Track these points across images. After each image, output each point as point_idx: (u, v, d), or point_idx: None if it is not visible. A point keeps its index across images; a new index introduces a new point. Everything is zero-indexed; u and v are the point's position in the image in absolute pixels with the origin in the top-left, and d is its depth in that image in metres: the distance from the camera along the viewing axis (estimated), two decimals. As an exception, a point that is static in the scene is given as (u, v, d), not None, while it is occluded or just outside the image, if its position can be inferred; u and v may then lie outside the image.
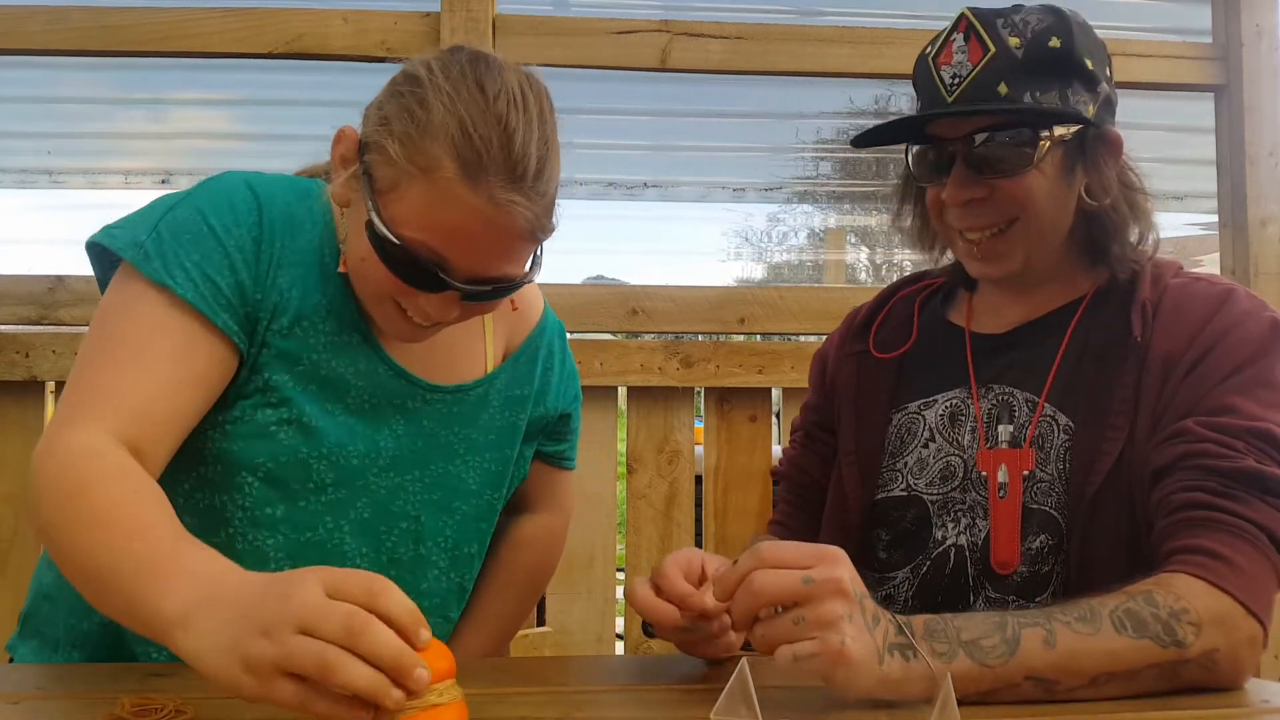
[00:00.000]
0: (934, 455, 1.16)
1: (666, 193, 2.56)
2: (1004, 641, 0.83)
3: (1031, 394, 1.11)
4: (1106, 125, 1.12)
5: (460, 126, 0.90)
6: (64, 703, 0.85)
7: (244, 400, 1.01)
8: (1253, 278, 2.26)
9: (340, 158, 1.00)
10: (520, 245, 0.97)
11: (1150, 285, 1.09)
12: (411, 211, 0.92)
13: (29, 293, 2.08)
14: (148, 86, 2.41)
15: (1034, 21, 1.06)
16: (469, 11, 2.13)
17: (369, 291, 1.01)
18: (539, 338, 1.23)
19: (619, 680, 1.04)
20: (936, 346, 1.22)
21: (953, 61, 1.07)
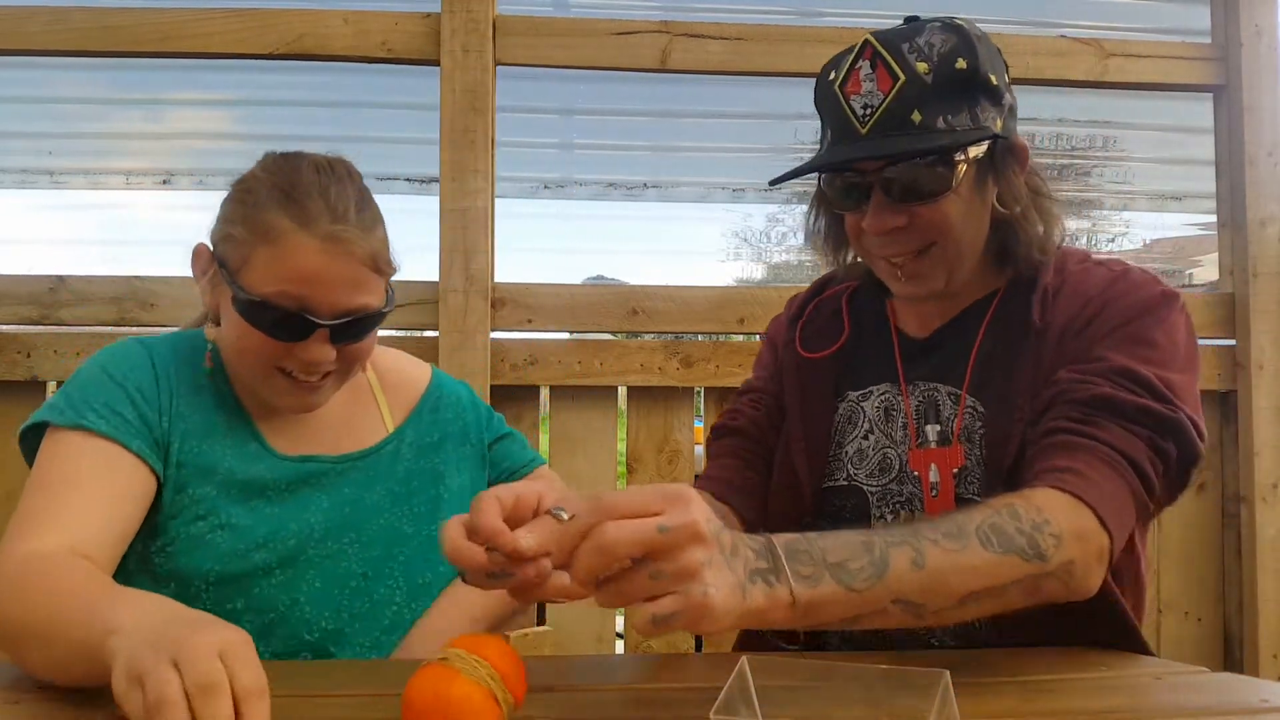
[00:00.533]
0: (873, 447, 1.19)
1: (666, 193, 2.56)
2: (871, 563, 0.80)
3: (954, 387, 1.15)
4: (1013, 136, 1.12)
5: (282, 192, 1.09)
6: (65, 702, 0.86)
7: (174, 520, 1.11)
8: (1252, 278, 2.26)
9: (200, 270, 1.16)
10: (365, 275, 1.10)
11: (1054, 272, 1.13)
12: (265, 272, 1.07)
13: (30, 293, 2.08)
14: (148, 87, 2.41)
15: (938, 44, 1.06)
16: (469, 12, 2.13)
17: (253, 369, 1.13)
18: (435, 391, 1.34)
19: (619, 680, 1.04)
20: (870, 338, 1.25)
21: (862, 91, 1.07)
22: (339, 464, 1.21)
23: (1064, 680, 0.94)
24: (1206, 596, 2.32)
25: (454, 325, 2.08)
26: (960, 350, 1.16)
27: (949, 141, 1.05)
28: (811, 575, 0.77)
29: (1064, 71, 2.29)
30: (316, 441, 1.22)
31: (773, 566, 0.75)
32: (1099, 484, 0.94)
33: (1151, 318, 1.05)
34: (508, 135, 2.27)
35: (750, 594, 0.73)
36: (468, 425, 1.34)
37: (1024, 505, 0.89)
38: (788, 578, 0.75)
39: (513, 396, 2.17)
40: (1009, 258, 1.15)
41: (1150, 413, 0.99)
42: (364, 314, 1.11)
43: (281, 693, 0.74)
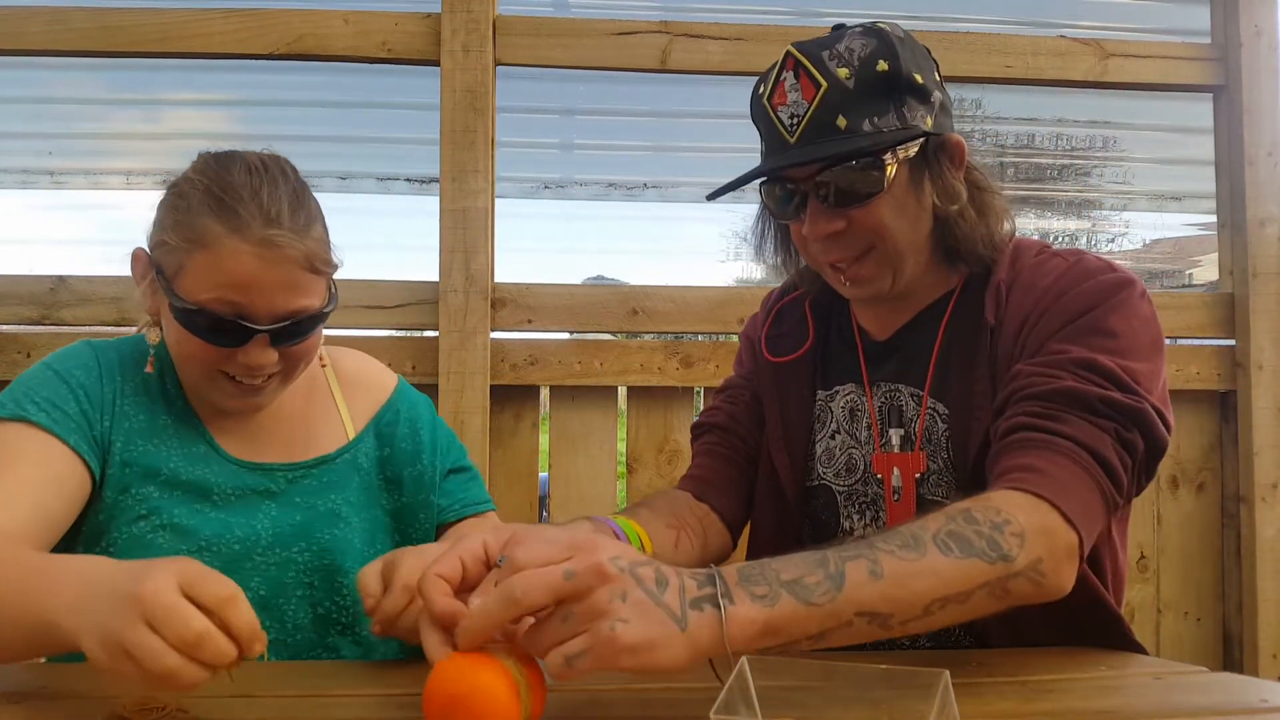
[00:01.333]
0: (840, 447, 1.21)
1: (666, 193, 2.56)
2: (828, 577, 0.78)
3: (915, 388, 1.16)
4: (946, 133, 1.12)
5: (214, 197, 1.07)
6: (65, 702, 0.86)
7: (117, 520, 1.11)
8: (1251, 278, 2.26)
9: (140, 276, 1.15)
10: (302, 277, 1.09)
11: (1007, 268, 1.12)
12: (200, 279, 1.06)
13: (30, 293, 2.08)
14: (149, 87, 2.41)
15: (858, 48, 1.07)
16: (469, 13, 2.13)
17: (196, 373, 1.13)
18: (397, 403, 1.32)
19: (619, 680, 1.04)
20: (834, 340, 1.27)
21: (788, 101, 1.08)
22: (291, 471, 1.20)
23: (1064, 680, 0.94)
24: (1206, 596, 2.32)
25: (454, 325, 2.08)
26: (920, 351, 1.17)
27: (872, 143, 1.04)
28: (767, 594, 0.75)
29: (1064, 71, 2.29)
30: (270, 445, 1.21)
31: (724, 590, 0.74)
32: (1062, 481, 0.92)
33: (1106, 305, 1.03)
34: (508, 135, 2.27)
35: (692, 622, 0.72)
36: (420, 446, 1.30)
37: (980, 508, 0.87)
38: (745, 598, 0.74)
39: (513, 396, 2.17)
40: (958, 256, 1.15)
41: (1114, 404, 0.96)
42: (303, 316, 1.10)
43: (293, 693, 0.74)
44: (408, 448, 1.28)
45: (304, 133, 2.48)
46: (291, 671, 1.04)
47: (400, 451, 1.28)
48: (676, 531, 1.16)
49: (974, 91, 2.56)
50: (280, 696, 0.88)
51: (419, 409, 1.33)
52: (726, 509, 1.28)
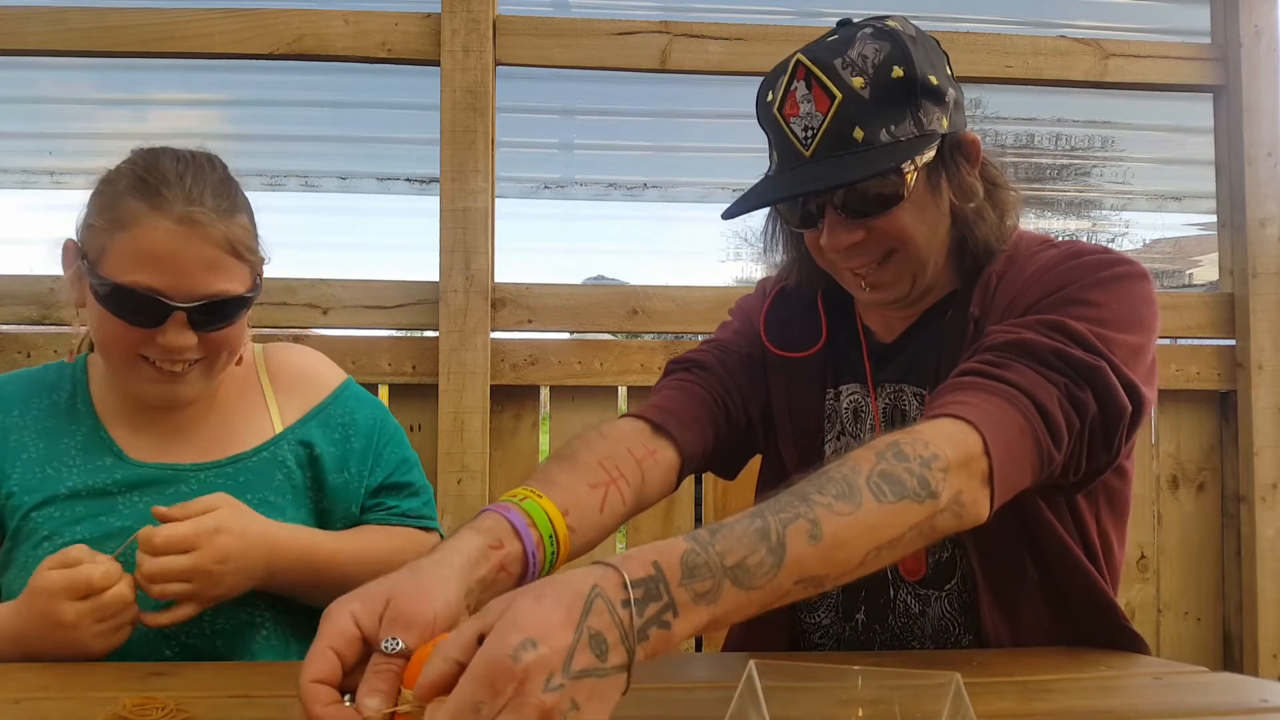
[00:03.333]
0: (845, 448, 1.17)
1: (666, 193, 2.56)
2: (770, 552, 0.74)
3: (918, 387, 1.14)
4: (961, 131, 1.09)
5: (138, 178, 1.09)
6: (64, 702, 0.86)
7: (21, 545, 1.13)
8: (1251, 278, 2.26)
9: (67, 265, 1.16)
10: (222, 258, 1.10)
11: (1004, 261, 1.09)
12: (121, 258, 1.07)
13: (30, 293, 2.08)
14: (149, 87, 2.41)
15: (871, 55, 1.02)
16: (469, 12, 2.13)
17: (117, 360, 1.13)
18: (332, 404, 1.28)
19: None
20: (840, 339, 1.22)
21: (800, 112, 1.04)
22: (203, 470, 1.18)
23: (1064, 680, 0.94)
24: (1206, 596, 2.32)
25: (454, 325, 2.08)
26: (924, 349, 1.14)
27: (896, 160, 1.01)
28: (710, 590, 0.71)
29: (1064, 71, 2.29)
30: (185, 447, 1.19)
31: (669, 603, 0.68)
32: (990, 413, 0.88)
33: (1092, 279, 1.01)
34: (508, 135, 2.27)
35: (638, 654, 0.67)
36: (349, 453, 1.25)
37: (909, 442, 0.84)
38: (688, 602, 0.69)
39: (513, 396, 2.17)
40: (966, 252, 1.12)
41: (1068, 359, 0.93)
42: (223, 299, 1.10)
43: (293, 693, 0.74)
44: (335, 452, 1.24)
45: (304, 133, 2.48)
46: (292, 671, 1.04)
47: (326, 455, 1.24)
48: (604, 489, 1.02)
49: (974, 91, 2.56)
50: (281, 696, 0.88)
51: (358, 414, 1.28)
52: (685, 444, 1.13)
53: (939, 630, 1.13)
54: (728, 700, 0.68)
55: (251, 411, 1.24)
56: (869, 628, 1.16)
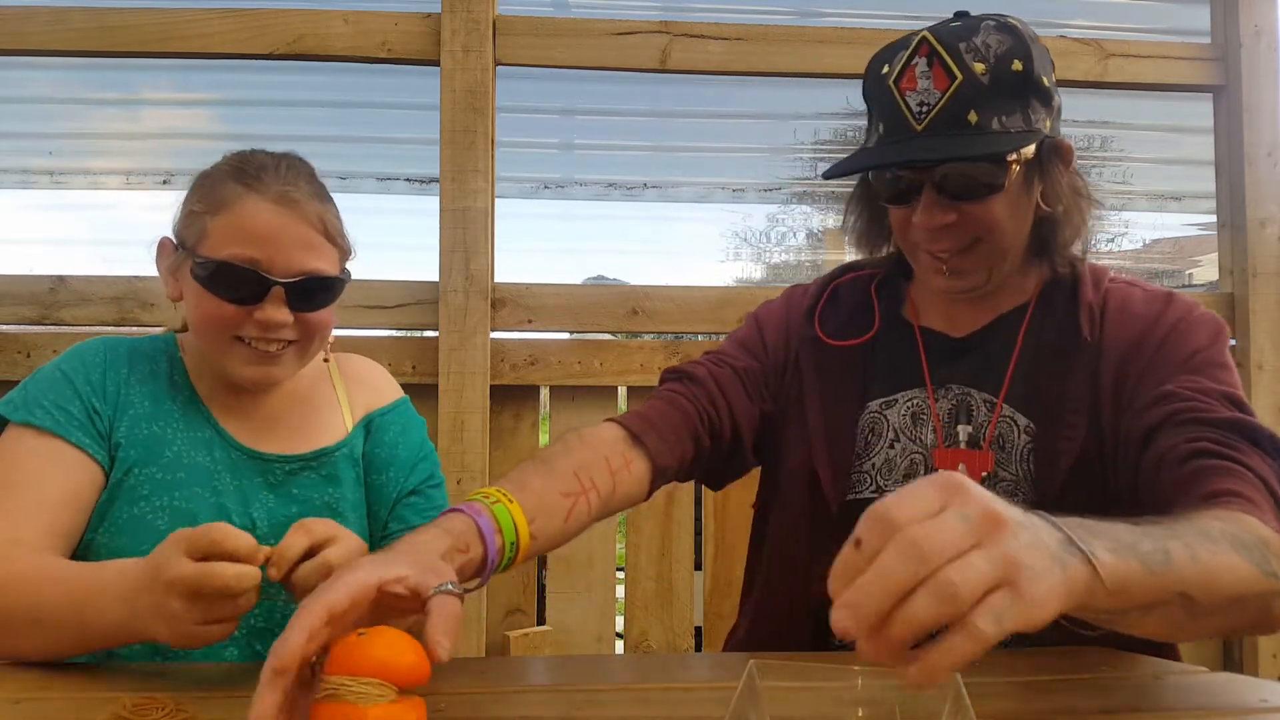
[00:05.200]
0: (900, 455, 1.17)
1: (666, 193, 2.56)
2: (1158, 549, 0.71)
3: (989, 395, 1.14)
4: (1059, 136, 1.13)
5: (236, 167, 1.16)
6: (64, 702, 0.86)
7: (119, 500, 1.13)
8: (1251, 278, 2.26)
9: (163, 261, 1.20)
10: (317, 238, 1.14)
11: (1092, 288, 1.14)
12: (222, 236, 1.11)
13: (30, 293, 2.08)
14: (149, 87, 2.41)
15: (995, 45, 1.06)
16: (469, 13, 2.13)
17: (214, 340, 1.15)
18: (391, 412, 1.32)
19: (619, 680, 1.04)
20: (892, 343, 1.22)
21: (918, 88, 1.07)
22: (289, 463, 1.21)
23: (1064, 680, 0.94)
24: (1206, 596, 2.32)
25: (454, 325, 2.08)
26: (998, 357, 1.15)
27: (1005, 146, 1.05)
28: (1115, 550, 0.66)
29: (1064, 71, 2.27)
30: (272, 435, 1.22)
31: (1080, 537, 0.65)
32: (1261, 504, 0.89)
33: (1219, 344, 1.07)
34: (508, 135, 2.27)
35: (1069, 568, 0.62)
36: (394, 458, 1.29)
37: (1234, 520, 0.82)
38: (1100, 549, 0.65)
39: (513, 396, 2.17)
40: (1045, 254, 1.16)
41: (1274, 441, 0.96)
42: (319, 276, 1.14)
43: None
44: (383, 454, 1.29)
45: (304, 133, 2.48)
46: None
47: (376, 455, 1.28)
48: (574, 499, 1.03)
49: (974, 91, 2.56)
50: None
51: (411, 427, 1.33)
52: (660, 457, 1.13)
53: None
54: (727, 700, 0.68)
55: (328, 408, 1.28)
56: None
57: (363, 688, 0.68)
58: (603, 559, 2.19)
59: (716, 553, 2.20)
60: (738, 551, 2.20)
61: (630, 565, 2.19)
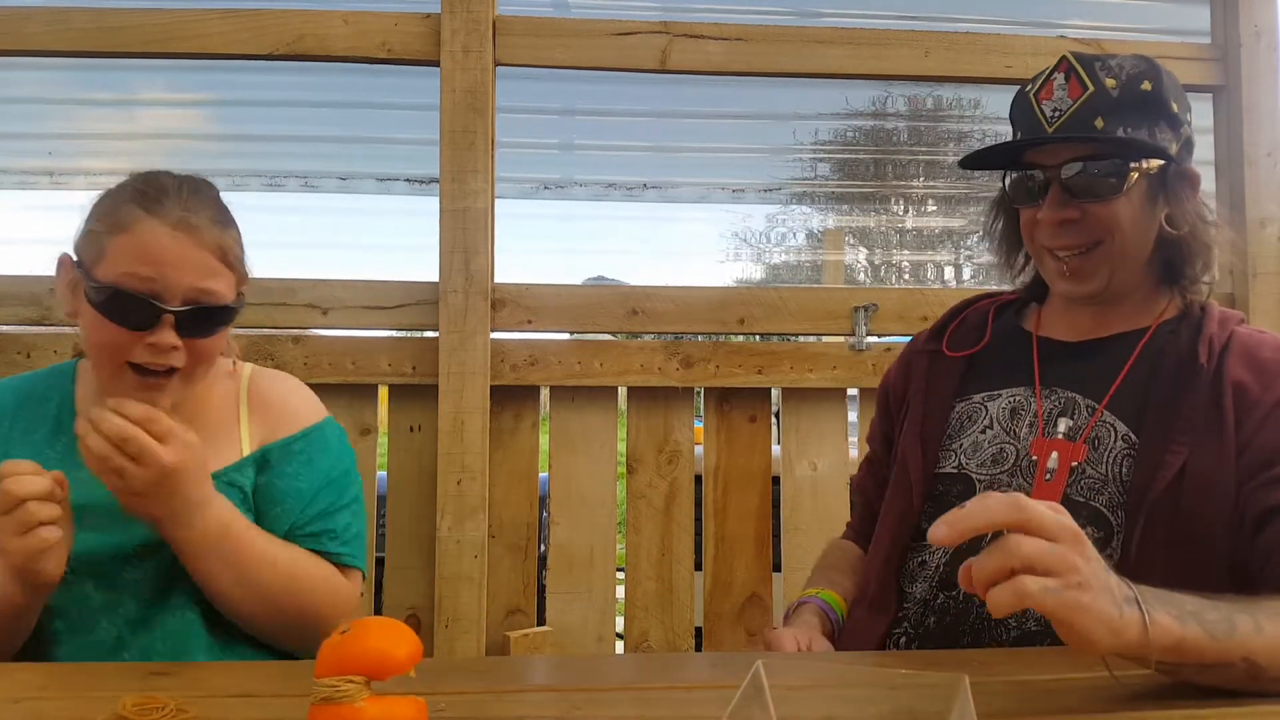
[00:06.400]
0: (990, 440, 1.24)
1: (666, 194, 2.56)
2: (1223, 619, 0.86)
3: (1092, 400, 1.20)
4: (1186, 164, 1.22)
5: (138, 189, 1.15)
6: (65, 702, 0.86)
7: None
8: (1251, 278, 2.26)
9: (62, 279, 1.20)
10: (213, 264, 1.15)
11: (1218, 324, 1.20)
12: (117, 259, 1.12)
13: (30, 293, 2.08)
14: (149, 88, 2.41)
15: (1129, 66, 1.18)
16: (469, 13, 2.13)
17: (104, 365, 1.16)
18: (299, 441, 1.29)
19: (619, 680, 1.04)
20: (1006, 348, 1.32)
21: (1054, 97, 1.18)
22: None
23: (1064, 680, 0.94)
24: (1206, 596, 2.32)
25: (454, 326, 2.08)
26: (1108, 367, 1.21)
27: (1126, 150, 1.15)
28: (1179, 616, 0.83)
29: (1064, 72, 2.29)
30: None
31: (1146, 600, 0.82)
32: None
33: None
34: (508, 136, 2.27)
35: (1125, 615, 0.80)
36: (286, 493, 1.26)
37: None
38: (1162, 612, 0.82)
39: (513, 397, 2.17)
40: (1171, 281, 1.23)
41: None
42: (211, 304, 1.14)
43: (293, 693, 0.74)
44: (280, 486, 1.26)
45: (304, 133, 2.48)
46: (292, 671, 1.04)
47: (272, 488, 1.25)
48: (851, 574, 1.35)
49: (974, 92, 2.56)
50: (281, 696, 0.89)
51: (321, 455, 1.29)
52: None
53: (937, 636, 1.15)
54: (728, 700, 0.68)
55: (224, 433, 1.27)
56: (967, 599, 1.16)
57: (350, 686, 0.69)
58: (603, 559, 2.19)
59: (716, 553, 2.20)
60: (738, 552, 2.20)
61: (630, 565, 2.19)
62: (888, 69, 2.21)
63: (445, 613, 2.03)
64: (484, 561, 2.06)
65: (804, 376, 2.18)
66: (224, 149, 2.45)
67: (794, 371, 2.17)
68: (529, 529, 2.17)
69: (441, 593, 2.03)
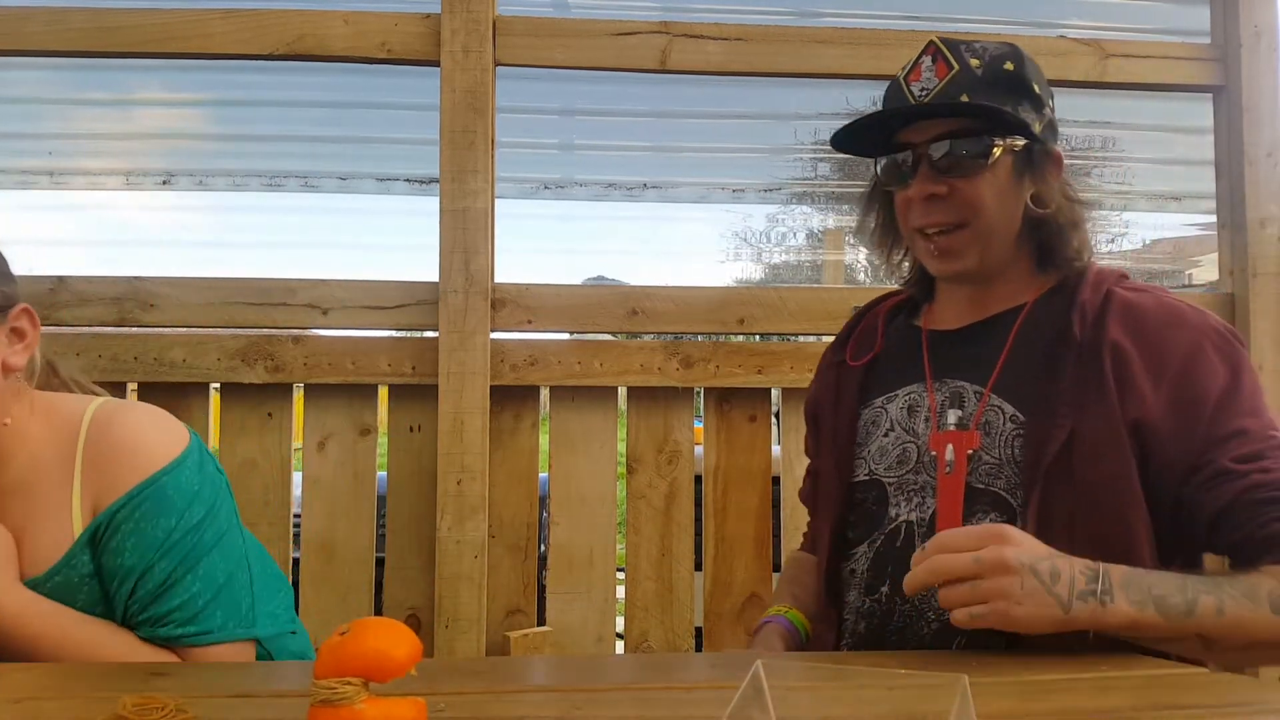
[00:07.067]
0: (893, 443, 1.28)
1: (666, 194, 2.56)
2: (1185, 602, 0.99)
3: (979, 386, 1.23)
4: (1050, 144, 1.25)
5: None
6: (65, 702, 0.86)
7: None
8: (1251, 278, 2.26)
9: None
10: None
11: (1091, 289, 1.21)
12: None
13: (30, 293, 2.04)
14: (148, 87, 2.41)
15: (992, 49, 1.22)
16: (469, 13, 2.13)
17: None
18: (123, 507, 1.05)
19: (619, 680, 1.04)
20: (899, 348, 1.35)
21: (921, 78, 1.22)
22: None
23: (1064, 680, 0.94)
24: (1206, 596, 2.32)
25: (454, 326, 2.08)
26: (990, 350, 1.24)
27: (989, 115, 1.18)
28: (1140, 601, 0.98)
29: (1064, 71, 2.29)
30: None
31: (1106, 588, 0.97)
32: None
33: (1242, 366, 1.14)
34: (508, 136, 2.27)
35: (1074, 610, 0.96)
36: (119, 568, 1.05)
37: None
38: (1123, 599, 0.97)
39: (513, 397, 2.17)
40: (1044, 260, 1.26)
41: None
42: None
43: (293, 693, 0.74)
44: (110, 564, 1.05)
45: (304, 133, 2.48)
46: (292, 671, 1.04)
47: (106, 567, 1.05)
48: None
49: (974, 92, 2.55)
50: (280, 696, 0.89)
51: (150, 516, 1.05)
52: None
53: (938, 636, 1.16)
54: (728, 700, 0.68)
55: (52, 510, 1.04)
56: (890, 599, 1.21)
57: (348, 688, 0.69)
58: (603, 560, 2.19)
59: (716, 553, 2.20)
60: (738, 552, 2.20)
61: (630, 565, 2.19)
62: (888, 69, 2.21)
63: (445, 613, 2.03)
64: (484, 561, 2.06)
65: (804, 376, 2.18)
66: (224, 149, 2.45)
67: (794, 371, 2.17)
68: (529, 529, 2.17)
69: (441, 593, 2.03)
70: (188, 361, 2.08)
